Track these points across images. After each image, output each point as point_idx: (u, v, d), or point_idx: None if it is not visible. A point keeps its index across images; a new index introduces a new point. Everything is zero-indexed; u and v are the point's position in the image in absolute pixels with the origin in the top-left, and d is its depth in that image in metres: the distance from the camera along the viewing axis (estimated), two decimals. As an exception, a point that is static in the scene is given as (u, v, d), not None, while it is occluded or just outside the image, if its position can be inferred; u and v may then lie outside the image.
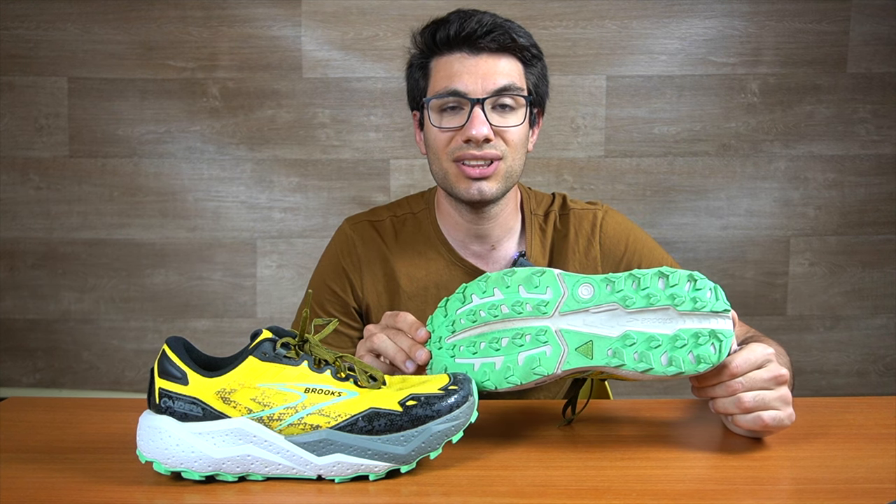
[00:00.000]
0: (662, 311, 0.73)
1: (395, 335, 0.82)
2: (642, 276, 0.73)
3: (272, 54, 2.10)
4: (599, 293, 0.74)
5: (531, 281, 0.76)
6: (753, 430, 0.76)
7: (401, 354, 0.81)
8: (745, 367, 0.74)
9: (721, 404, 0.76)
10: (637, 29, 2.10)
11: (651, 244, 1.13)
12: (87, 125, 2.12)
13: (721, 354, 0.71)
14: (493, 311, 0.76)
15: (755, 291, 2.17)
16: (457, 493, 0.66)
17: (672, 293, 0.72)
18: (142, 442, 0.67)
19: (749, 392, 0.74)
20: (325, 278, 1.12)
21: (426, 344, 0.80)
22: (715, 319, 0.72)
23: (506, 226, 1.09)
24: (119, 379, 2.18)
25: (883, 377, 2.20)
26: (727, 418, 0.78)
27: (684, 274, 0.73)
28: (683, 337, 0.71)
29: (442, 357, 0.78)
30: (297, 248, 2.16)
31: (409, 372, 0.82)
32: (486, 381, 0.75)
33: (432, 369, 0.79)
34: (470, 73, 0.99)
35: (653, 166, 2.14)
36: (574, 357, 0.73)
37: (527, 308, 0.75)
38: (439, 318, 0.80)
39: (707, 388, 0.76)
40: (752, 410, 0.74)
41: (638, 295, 0.73)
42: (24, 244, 2.15)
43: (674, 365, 0.71)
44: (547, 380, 0.74)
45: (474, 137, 0.97)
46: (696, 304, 0.72)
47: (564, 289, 0.75)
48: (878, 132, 2.14)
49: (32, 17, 2.09)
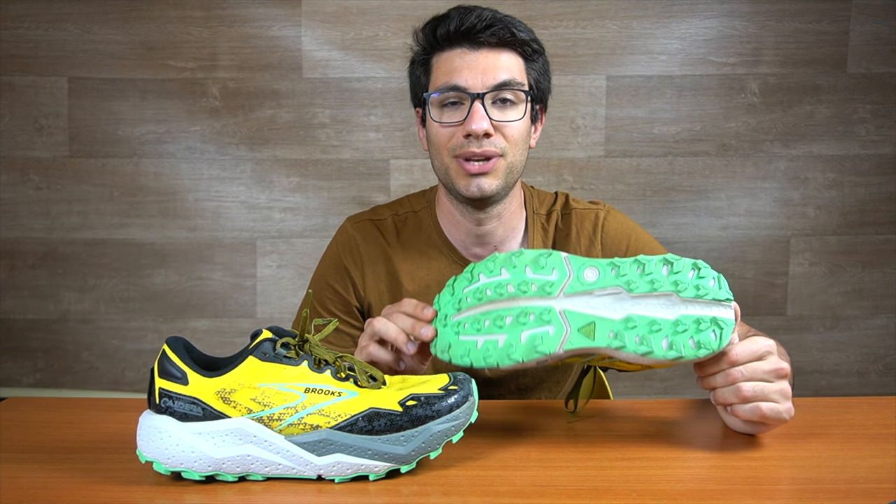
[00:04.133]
0: (665, 297, 0.73)
1: (396, 317, 0.83)
2: (647, 262, 0.74)
3: (272, 54, 2.10)
4: (604, 276, 0.75)
5: (538, 262, 0.77)
6: (751, 422, 0.77)
7: (402, 336, 0.82)
8: (745, 357, 0.75)
9: (721, 394, 0.76)
10: (637, 29, 2.10)
11: (653, 244, 1.13)
12: (87, 125, 2.12)
13: (722, 341, 0.72)
14: (499, 289, 0.77)
15: (755, 291, 2.17)
16: (457, 493, 0.66)
17: (676, 280, 0.73)
18: (142, 442, 0.67)
19: (749, 382, 0.74)
20: (327, 277, 1.13)
21: (432, 323, 0.80)
22: (717, 307, 0.73)
23: (509, 225, 1.09)
24: (119, 379, 2.18)
25: (883, 377, 2.20)
26: (726, 411, 0.78)
27: (689, 262, 0.74)
28: (685, 322, 0.72)
29: (446, 334, 0.79)
30: (297, 248, 2.16)
31: (409, 353, 0.82)
32: (489, 357, 0.75)
33: (436, 346, 0.79)
34: (470, 68, 0.99)
35: (653, 166, 2.14)
36: (576, 337, 0.73)
37: (532, 288, 0.76)
38: (446, 297, 0.81)
39: (708, 377, 0.77)
40: (751, 400, 0.74)
41: (642, 280, 0.74)
42: (24, 244, 2.15)
43: (674, 349, 0.72)
44: (549, 359, 0.74)
45: (474, 132, 0.97)
46: (698, 291, 0.73)
47: (570, 271, 0.76)
48: (878, 132, 2.13)
49: (32, 17, 2.09)
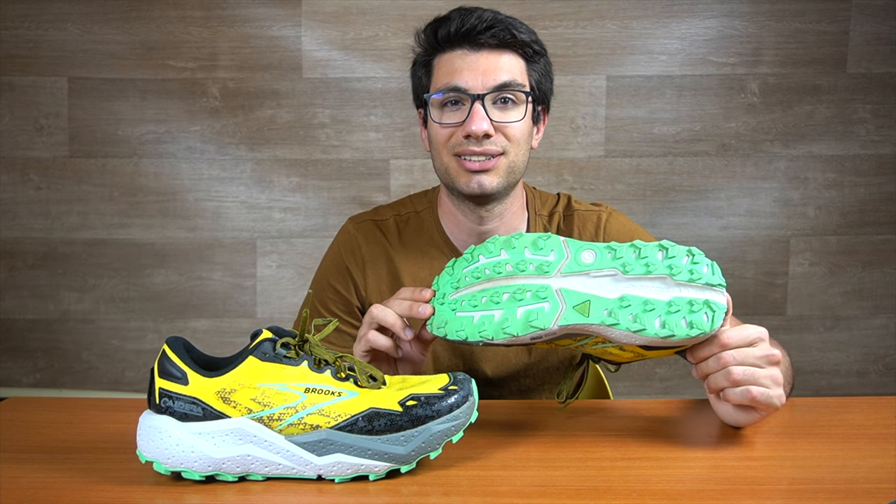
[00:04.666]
0: (660, 280, 0.75)
1: (394, 303, 0.84)
2: (643, 247, 0.77)
3: (272, 54, 2.10)
4: (601, 258, 0.77)
5: (537, 244, 0.79)
6: (742, 407, 0.77)
7: (399, 321, 0.83)
8: (736, 341, 0.76)
9: (713, 379, 0.77)
10: (637, 29, 2.10)
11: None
12: (87, 125, 2.12)
13: (714, 324, 0.73)
14: (498, 268, 0.79)
15: (755, 291, 2.17)
16: (457, 493, 0.66)
17: (670, 264, 0.75)
18: (142, 442, 0.67)
19: (740, 366, 0.75)
20: (329, 277, 1.13)
21: (430, 303, 0.82)
22: (710, 291, 0.74)
23: (511, 225, 1.09)
24: (119, 379, 2.18)
25: (883, 377, 2.20)
26: (718, 399, 0.79)
27: (683, 249, 0.76)
28: (678, 304, 0.74)
29: (443, 312, 0.80)
30: (297, 248, 2.16)
31: (406, 338, 0.84)
32: (484, 331, 0.76)
33: (432, 324, 0.81)
34: (470, 70, 0.99)
35: (653, 166, 2.14)
36: (571, 314, 0.75)
37: (530, 267, 0.78)
38: (445, 278, 0.83)
39: (700, 363, 0.78)
40: (742, 384, 0.75)
41: (638, 263, 0.76)
42: (24, 244, 2.15)
43: (667, 328, 0.73)
44: (543, 335, 0.76)
45: (474, 133, 0.97)
46: (692, 275, 0.75)
47: (568, 252, 0.78)
48: (878, 132, 2.13)
49: (33, 17, 2.09)
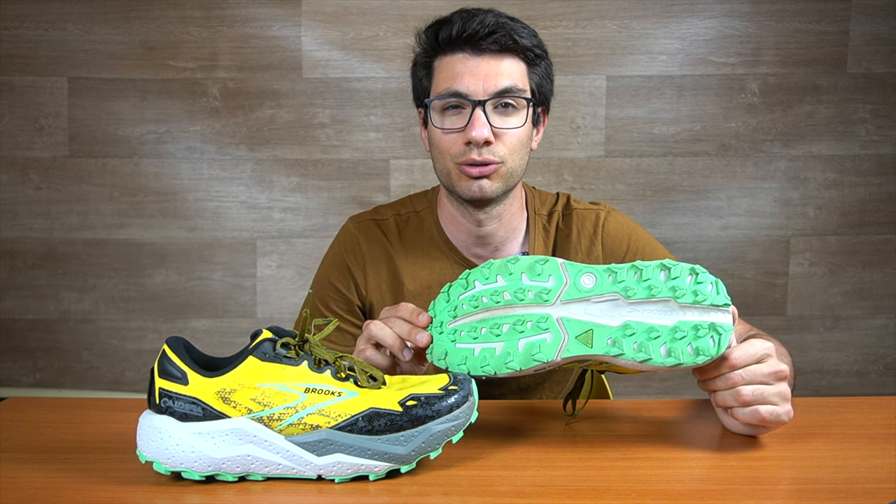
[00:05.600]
0: (663, 303, 0.73)
1: (393, 322, 0.82)
2: (644, 268, 0.74)
3: (272, 54, 2.10)
4: (601, 283, 0.74)
5: (534, 269, 0.76)
6: (750, 425, 0.77)
7: (398, 342, 0.81)
8: (744, 360, 0.75)
9: (721, 397, 0.76)
10: (637, 29, 2.10)
11: (653, 244, 1.13)
12: (87, 125, 2.12)
13: (720, 347, 0.72)
14: (496, 297, 0.76)
15: (755, 291, 2.17)
16: (457, 493, 0.66)
17: (673, 285, 0.73)
18: (142, 442, 0.67)
19: (748, 385, 0.74)
20: (330, 276, 1.13)
21: (428, 329, 0.80)
22: (715, 313, 0.73)
23: (510, 226, 1.09)
24: (119, 379, 2.18)
25: (883, 377, 2.20)
26: (726, 414, 0.79)
27: (686, 267, 0.74)
28: (683, 329, 0.72)
29: (442, 341, 0.78)
30: (297, 248, 2.16)
31: (405, 359, 0.82)
32: (486, 366, 0.75)
33: (432, 354, 0.79)
34: (472, 75, 0.99)
35: (653, 166, 2.14)
36: (574, 345, 0.73)
37: (529, 295, 0.75)
38: (441, 304, 0.80)
39: (708, 381, 0.77)
40: (751, 404, 0.75)
41: (639, 286, 0.73)
42: (24, 244, 2.15)
43: (672, 356, 0.71)
44: (546, 367, 0.74)
45: (475, 139, 0.97)
46: (696, 297, 0.73)
47: (567, 278, 0.75)
48: (878, 132, 2.13)
49: (32, 17, 2.09)
